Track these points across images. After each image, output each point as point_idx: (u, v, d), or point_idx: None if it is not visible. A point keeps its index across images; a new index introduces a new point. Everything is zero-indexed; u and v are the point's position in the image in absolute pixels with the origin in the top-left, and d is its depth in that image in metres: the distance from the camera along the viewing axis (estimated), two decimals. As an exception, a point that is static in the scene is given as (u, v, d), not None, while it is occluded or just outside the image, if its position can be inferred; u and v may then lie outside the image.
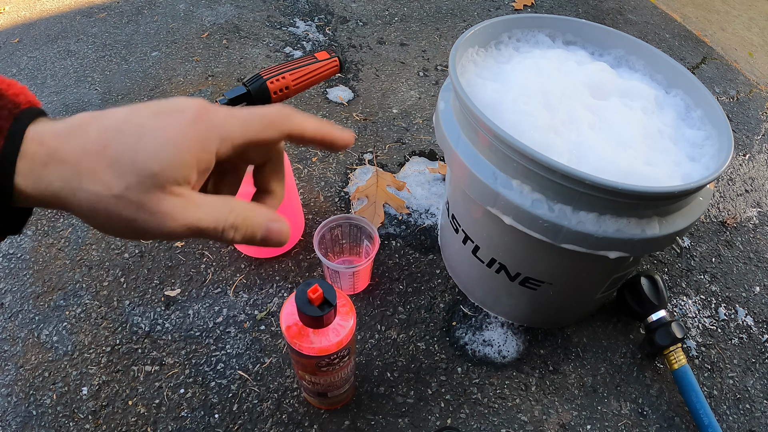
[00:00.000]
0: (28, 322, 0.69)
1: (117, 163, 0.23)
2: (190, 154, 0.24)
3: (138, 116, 0.24)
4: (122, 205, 0.23)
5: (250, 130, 0.26)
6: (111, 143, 0.23)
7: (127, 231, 0.24)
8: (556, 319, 0.71)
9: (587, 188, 0.45)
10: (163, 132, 0.24)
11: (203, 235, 0.26)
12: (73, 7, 1.25)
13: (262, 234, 0.28)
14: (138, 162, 0.23)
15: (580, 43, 0.68)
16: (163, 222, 0.24)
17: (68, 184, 0.23)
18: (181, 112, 0.25)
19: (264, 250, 0.75)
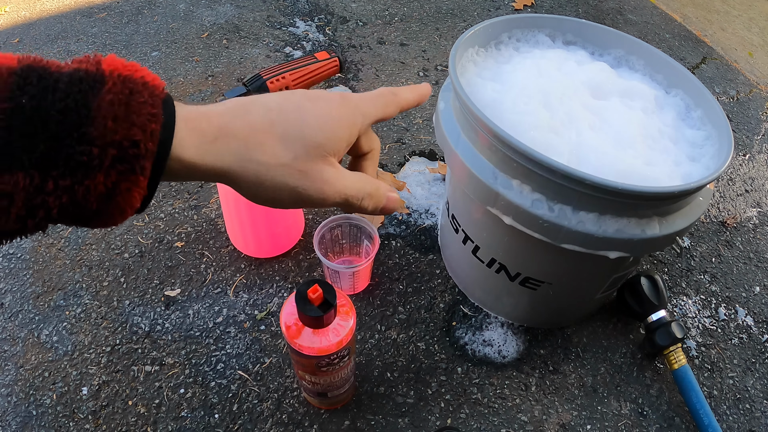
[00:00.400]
0: (28, 322, 0.69)
1: (285, 137, 0.27)
2: (345, 130, 0.29)
3: (292, 101, 0.28)
4: (288, 173, 0.27)
5: (379, 108, 0.31)
6: (277, 121, 0.27)
7: (287, 198, 0.28)
8: (556, 319, 0.71)
9: (587, 188, 0.45)
10: (322, 111, 0.28)
11: (347, 203, 0.30)
12: (73, 7, 1.25)
13: (384, 203, 0.32)
14: (306, 135, 0.27)
15: (580, 43, 0.68)
16: (322, 189, 0.28)
17: (238, 157, 0.26)
18: (329, 98, 0.29)
19: (264, 251, 0.75)
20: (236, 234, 0.73)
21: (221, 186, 0.66)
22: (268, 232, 0.72)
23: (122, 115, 0.23)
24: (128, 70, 0.24)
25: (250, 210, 0.67)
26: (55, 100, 0.22)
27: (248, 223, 0.69)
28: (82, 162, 0.22)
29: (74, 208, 0.23)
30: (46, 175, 0.22)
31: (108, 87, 0.23)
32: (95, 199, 0.23)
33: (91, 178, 0.22)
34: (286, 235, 0.75)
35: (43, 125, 0.21)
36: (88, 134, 0.22)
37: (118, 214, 0.25)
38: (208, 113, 0.26)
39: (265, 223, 0.70)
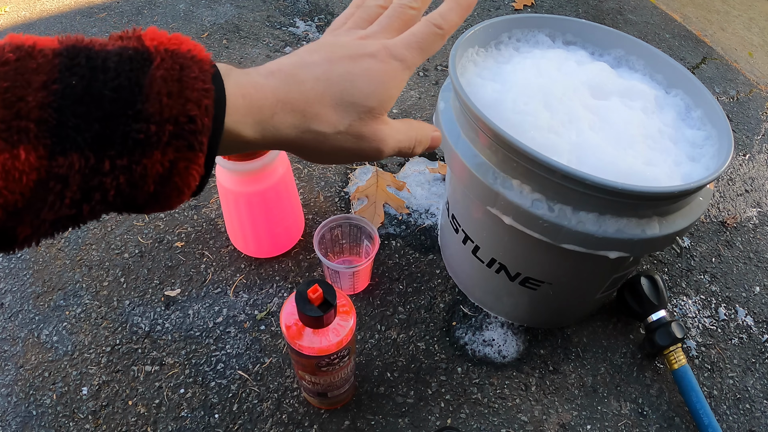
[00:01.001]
0: (28, 322, 0.69)
1: (339, 106, 0.28)
2: (392, 89, 0.30)
3: (338, 63, 0.29)
4: (345, 139, 0.29)
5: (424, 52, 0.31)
6: (328, 90, 0.28)
7: (346, 158, 0.30)
8: (556, 319, 0.71)
9: (587, 188, 0.45)
10: (370, 74, 0.29)
11: (401, 153, 0.33)
12: (73, 7, 1.25)
13: (430, 143, 0.35)
14: (357, 102, 0.28)
15: (580, 43, 0.68)
16: (379, 147, 0.30)
17: (297, 129, 0.27)
18: (373, 55, 0.29)
19: (264, 250, 0.75)
20: (236, 234, 0.73)
21: (221, 186, 0.66)
22: (268, 233, 0.72)
23: (176, 91, 0.22)
24: (174, 44, 0.24)
25: (249, 210, 0.67)
26: (106, 79, 0.22)
27: (248, 223, 0.69)
28: (138, 140, 0.22)
29: (131, 189, 0.23)
30: (103, 155, 0.21)
31: (157, 63, 0.23)
32: (152, 180, 0.23)
33: (148, 156, 0.22)
34: (286, 235, 0.75)
35: (97, 104, 0.21)
36: (144, 111, 0.22)
37: (175, 195, 0.24)
38: (263, 86, 0.27)
39: (265, 223, 0.70)
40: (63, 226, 0.23)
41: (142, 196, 0.23)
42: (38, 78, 0.21)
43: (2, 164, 0.20)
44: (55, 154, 0.21)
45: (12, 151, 0.20)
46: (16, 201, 0.21)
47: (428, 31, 0.31)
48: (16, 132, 0.20)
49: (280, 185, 0.67)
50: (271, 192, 0.66)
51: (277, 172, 0.66)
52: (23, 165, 0.20)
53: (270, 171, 0.65)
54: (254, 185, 0.64)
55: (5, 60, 0.21)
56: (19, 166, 0.20)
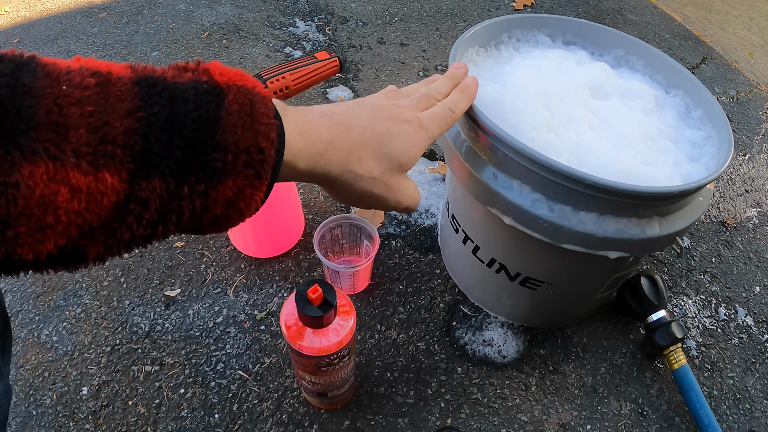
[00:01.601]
0: (28, 322, 0.69)
1: (378, 155, 0.33)
2: (419, 151, 0.36)
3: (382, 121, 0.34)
4: (375, 185, 0.33)
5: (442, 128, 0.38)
6: (372, 140, 0.33)
7: (368, 202, 0.35)
8: (556, 319, 0.71)
9: (587, 188, 0.45)
10: (405, 135, 0.35)
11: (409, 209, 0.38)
12: (73, 7, 1.25)
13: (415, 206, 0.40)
14: (392, 156, 0.34)
15: (580, 43, 0.68)
16: (397, 198, 0.36)
17: (340, 167, 0.31)
18: (408, 121, 0.35)
19: (264, 250, 0.75)
20: (236, 234, 0.73)
21: None
22: (268, 232, 0.72)
23: (249, 125, 0.25)
24: (241, 81, 0.26)
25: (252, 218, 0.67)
26: (187, 110, 0.23)
27: (248, 224, 0.69)
28: (216, 168, 0.24)
29: (203, 212, 0.24)
30: (183, 181, 0.23)
31: (231, 98, 0.24)
32: (221, 204, 0.25)
33: (223, 182, 0.24)
34: (286, 235, 0.75)
35: (179, 133, 0.22)
36: (223, 141, 0.24)
37: (237, 219, 0.27)
38: (318, 125, 0.30)
39: (265, 223, 0.70)
40: (134, 246, 0.24)
41: (208, 218, 0.25)
42: (122, 105, 0.22)
43: (86, 186, 0.20)
44: (138, 179, 0.22)
45: (97, 174, 0.21)
46: (92, 221, 0.21)
47: (445, 113, 0.39)
48: (102, 156, 0.21)
49: (279, 185, 0.67)
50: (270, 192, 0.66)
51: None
52: (106, 188, 0.21)
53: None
54: None
55: (86, 85, 0.21)
56: (102, 189, 0.21)
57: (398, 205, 0.36)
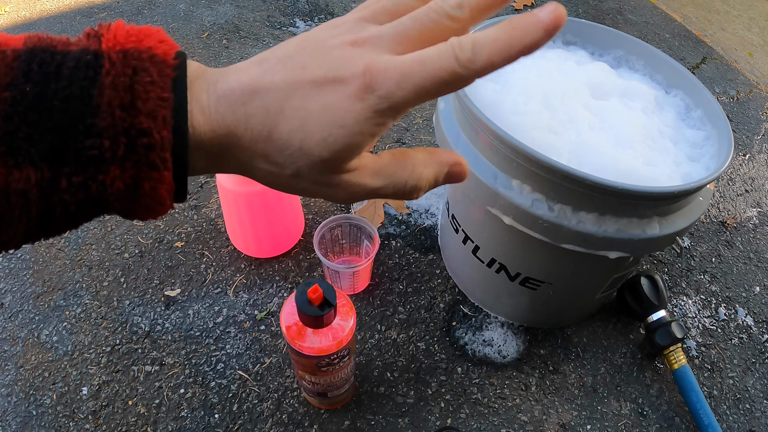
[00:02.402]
0: (28, 322, 0.69)
1: (286, 149, 0.22)
2: (361, 135, 0.22)
3: (297, 91, 0.22)
4: (297, 182, 0.23)
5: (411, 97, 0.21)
6: (275, 129, 0.22)
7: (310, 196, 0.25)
8: (556, 319, 0.71)
9: (587, 188, 0.45)
10: (328, 113, 0.21)
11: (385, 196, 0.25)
12: (73, 7, 1.25)
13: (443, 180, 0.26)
14: (305, 148, 0.22)
15: (580, 43, 0.68)
16: (340, 193, 0.24)
17: (246, 165, 0.23)
18: (344, 84, 0.21)
19: (264, 251, 0.75)
20: (236, 234, 0.73)
21: (221, 186, 0.66)
22: (268, 233, 0.72)
23: (128, 102, 0.20)
24: (131, 42, 0.21)
25: (250, 210, 0.67)
26: (58, 88, 0.20)
27: (248, 224, 0.69)
28: (91, 156, 0.20)
29: (93, 205, 0.21)
30: (58, 172, 0.20)
31: (106, 68, 0.20)
32: (115, 198, 0.21)
33: (104, 172, 0.20)
34: (286, 235, 0.75)
35: (47, 115, 0.19)
36: (96, 125, 0.20)
37: (150, 214, 0.23)
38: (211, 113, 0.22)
39: (265, 223, 0.70)
40: (38, 235, 0.22)
41: (111, 212, 0.22)
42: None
43: None
44: (10, 167, 0.19)
45: None
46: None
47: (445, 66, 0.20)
48: None
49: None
50: (271, 192, 0.66)
51: None
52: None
53: None
54: (254, 185, 0.64)
55: None
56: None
57: (349, 199, 0.25)
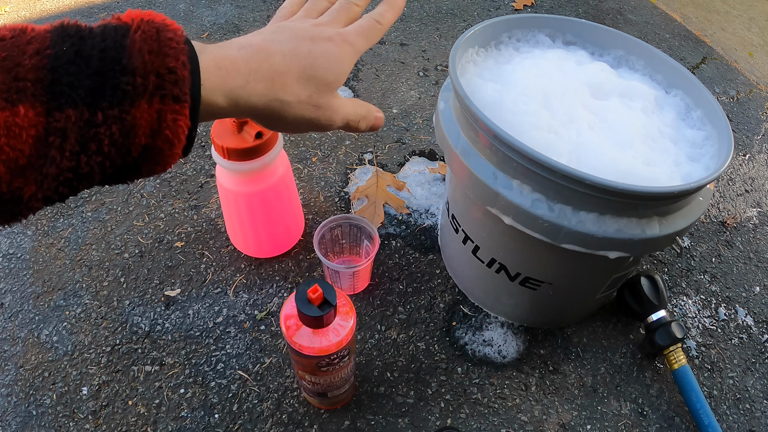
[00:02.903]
0: (28, 322, 0.69)
1: (302, 78, 0.32)
2: (345, 66, 0.35)
3: (302, 43, 0.33)
4: (305, 108, 0.33)
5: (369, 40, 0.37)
6: (294, 64, 0.32)
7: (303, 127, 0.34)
8: (556, 319, 0.71)
9: (587, 188, 0.45)
10: (328, 54, 0.33)
11: (347, 126, 0.37)
12: (73, 7, 1.25)
13: (373, 122, 0.39)
14: (317, 76, 0.33)
15: (580, 43, 0.68)
16: (330, 117, 0.35)
17: (265, 96, 0.31)
18: (330, 39, 0.34)
19: (264, 250, 0.75)
20: (236, 234, 0.73)
21: (221, 186, 0.66)
22: (268, 233, 0.72)
23: (156, 48, 0.25)
24: (150, 17, 0.27)
25: (250, 210, 0.67)
26: (94, 43, 0.25)
27: (248, 224, 0.69)
28: (127, 91, 0.25)
29: (124, 138, 0.25)
30: (96, 108, 0.24)
31: (135, 27, 0.26)
32: (143, 132, 0.25)
33: (137, 105, 0.25)
34: (286, 235, 0.75)
35: (87, 64, 0.24)
36: (130, 66, 0.25)
37: (167, 148, 0.27)
38: (236, 58, 0.30)
39: (264, 223, 0.70)
40: (65, 182, 0.25)
41: (136, 148, 0.26)
42: (32, 46, 0.24)
43: (4, 121, 0.22)
44: (52, 110, 0.23)
45: (12, 109, 0.23)
46: (18, 157, 0.23)
47: (371, 25, 0.37)
48: (15, 92, 0.23)
49: (280, 185, 0.67)
50: (270, 192, 0.66)
51: (277, 172, 0.66)
52: (23, 121, 0.23)
53: (270, 171, 0.65)
54: (254, 185, 0.64)
55: (2, 37, 0.24)
56: (19, 122, 0.23)
57: (331, 124, 0.35)
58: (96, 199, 0.83)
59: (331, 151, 0.93)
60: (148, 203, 0.83)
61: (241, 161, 0.60)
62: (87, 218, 0.80)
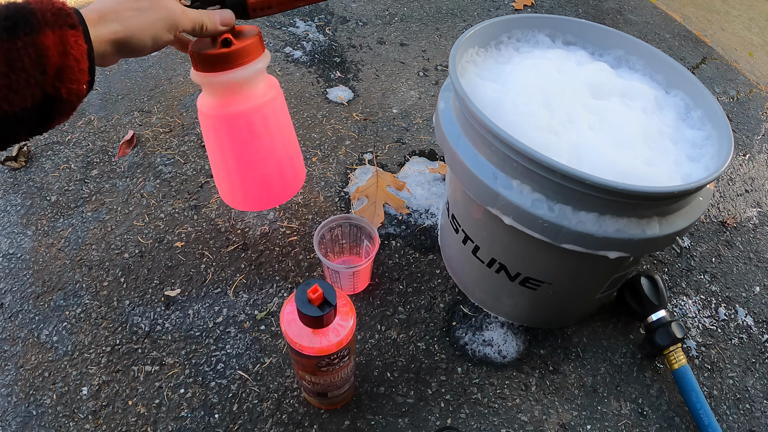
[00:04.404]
0: (28, 322, 0.69)
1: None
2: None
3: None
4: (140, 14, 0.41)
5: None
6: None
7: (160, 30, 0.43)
8: (556, 319, 0.71)
9: (587, 188, 0.45)
10: None
11: (197, 28, 0.46)
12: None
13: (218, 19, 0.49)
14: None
15: (580, 43, 0.68)
16: (173, 16, 0.43)
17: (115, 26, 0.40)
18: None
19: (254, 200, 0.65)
20: (221, 179, 0.63)
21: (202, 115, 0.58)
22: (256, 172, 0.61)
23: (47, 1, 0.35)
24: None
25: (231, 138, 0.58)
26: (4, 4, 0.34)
27: (231, 160, 0.60)
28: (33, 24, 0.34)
29: (40, 58, 0.34)
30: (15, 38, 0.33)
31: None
32: (53, 52, 0.34)
33: (44, 33, 0.34)
34: (280, 179, 0.63)
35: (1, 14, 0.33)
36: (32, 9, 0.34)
37: (76, 66, 0.35)
38: (93, 8, 0.40)
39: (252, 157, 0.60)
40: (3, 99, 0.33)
41: (50, 67, 0.34)
42: None
43: None
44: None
45: None
46: None
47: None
48: None
49: (267, 108, 0.57)
50: (256, 114, 0.56)
51: (263, 93, 0.57)
52: None
53: (254, 90, 0.56)
54: (236, 105, 0.55)
55: None
56: None
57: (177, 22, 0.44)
58: (96, 199, 0.83)
59: (331, 151, 0.93)
60: (148, 203, 0.83)
61: (213, 72, 0.52)
62: (87, 218, 0.80)
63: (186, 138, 0.93)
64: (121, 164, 0.89)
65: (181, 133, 0.95)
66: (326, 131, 0.97)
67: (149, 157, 0.90)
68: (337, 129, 0.98)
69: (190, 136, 0.94)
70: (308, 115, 1.00)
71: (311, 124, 0.98)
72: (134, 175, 0.87)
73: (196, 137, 0.94)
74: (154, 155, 0.90)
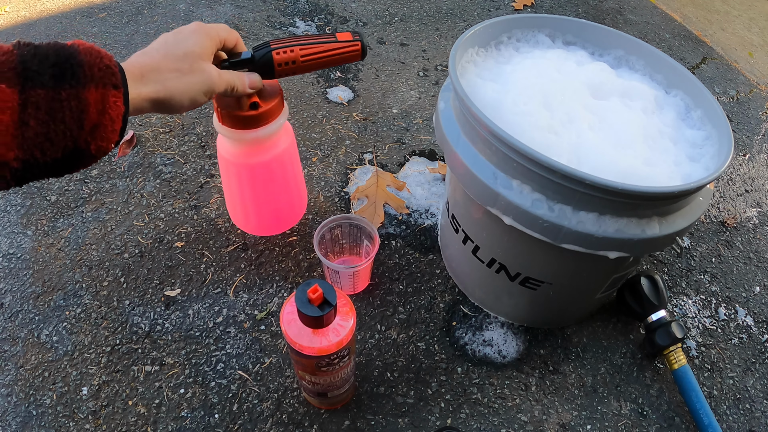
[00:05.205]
0: (28, 322, 0.69)
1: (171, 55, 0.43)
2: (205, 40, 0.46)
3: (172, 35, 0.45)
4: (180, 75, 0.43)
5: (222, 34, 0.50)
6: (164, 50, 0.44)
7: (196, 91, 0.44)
8: (556, 319, 0.71)
9: (587, 188, 0.45)
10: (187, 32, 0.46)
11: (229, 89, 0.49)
12: (73, 7, 1.25)
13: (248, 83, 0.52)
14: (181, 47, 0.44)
15: (580, 43, 0.68)
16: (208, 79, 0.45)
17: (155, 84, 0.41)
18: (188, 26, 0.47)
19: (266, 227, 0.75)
20: (236, 210, 0.72)
21: (222, 158, 0.66)
22: (271, 207, 0.71)
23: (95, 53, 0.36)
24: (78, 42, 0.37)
25: (252, 182, 0.66)
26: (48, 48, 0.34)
27: (249, 198, 0.68)
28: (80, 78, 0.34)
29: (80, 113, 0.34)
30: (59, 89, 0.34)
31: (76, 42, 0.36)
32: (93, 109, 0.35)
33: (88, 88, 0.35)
34: (290, 210, 0.74)
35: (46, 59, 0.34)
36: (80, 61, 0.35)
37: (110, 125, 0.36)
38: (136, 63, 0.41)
39: (268, 197, 0.69)
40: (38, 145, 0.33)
41: (88, 122, 0.35)
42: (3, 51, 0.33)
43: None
44: (26, 89, 0.32)
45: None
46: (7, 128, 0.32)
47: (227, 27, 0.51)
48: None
49: (284, 156, 0.66)
50: (275, 163, 0.66)
51: (281, 144, 0.66)
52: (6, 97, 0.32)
53: (273, 142, 0.64)
54: (257, 156, 0.64)
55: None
56: (3, 98, 0.31)
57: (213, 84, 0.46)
58: (96, 199, 0.83)
59: (331, 151, 0.93)
60: (148, 203, 0.83)
61: (241, 129, 0.59)
62: (87, 218, 0.80)
63: (186, 138, 0.94)
64: (121, 164, 0.89)
65: (181, 133, 0.95)
66: (326, 131, 0.97)
67: (149, 157, 0.90)
68: (337, 129, 0.98)
69: (190, 136, 0.94)
70: (308, 115, 1.00)
71: (311, 124, 0.98)
72: (134, 175, 0.87)
73: (196, 137, 0.94)
74: (154, 155, 0.90)
